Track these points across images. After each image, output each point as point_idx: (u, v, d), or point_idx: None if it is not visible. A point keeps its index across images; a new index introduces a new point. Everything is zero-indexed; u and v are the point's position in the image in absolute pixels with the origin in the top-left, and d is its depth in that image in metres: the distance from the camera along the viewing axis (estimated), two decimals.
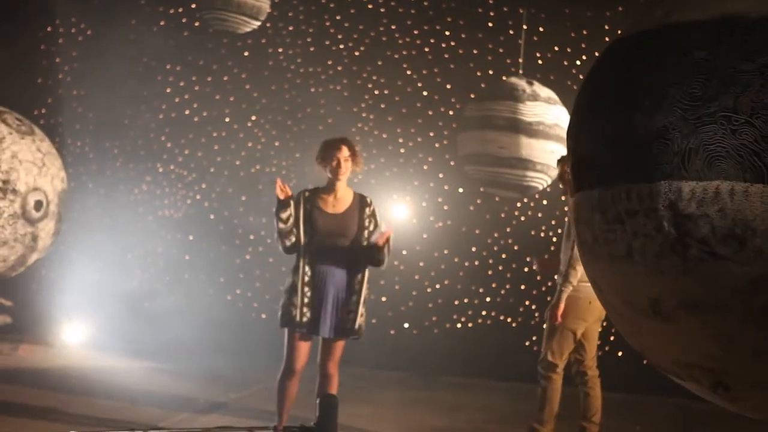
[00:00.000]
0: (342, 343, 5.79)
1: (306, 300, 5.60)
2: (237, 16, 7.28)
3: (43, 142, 6.86)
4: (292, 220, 5.63)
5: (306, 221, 5.68)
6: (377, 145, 9.77)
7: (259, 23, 7.54)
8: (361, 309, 5.70)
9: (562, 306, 6.03)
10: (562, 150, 6.89)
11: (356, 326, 5.69)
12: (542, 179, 7.30)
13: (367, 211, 5.79)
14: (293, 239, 5.66)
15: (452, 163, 9.20)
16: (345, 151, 5.74)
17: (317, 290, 5.63)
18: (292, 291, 5.65)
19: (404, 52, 9.65)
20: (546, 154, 7.15)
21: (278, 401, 5.74)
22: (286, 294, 5.68)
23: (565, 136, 6.97)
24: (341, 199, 5.79)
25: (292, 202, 5.63)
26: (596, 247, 2.94)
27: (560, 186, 6.54)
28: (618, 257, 2.83)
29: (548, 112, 7.19)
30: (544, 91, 7.38)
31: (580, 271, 5.89)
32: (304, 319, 5.60)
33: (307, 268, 5.64)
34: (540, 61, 8.94)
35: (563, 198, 6.58)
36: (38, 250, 7.02)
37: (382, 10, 9.69)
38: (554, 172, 7.04)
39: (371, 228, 5.74)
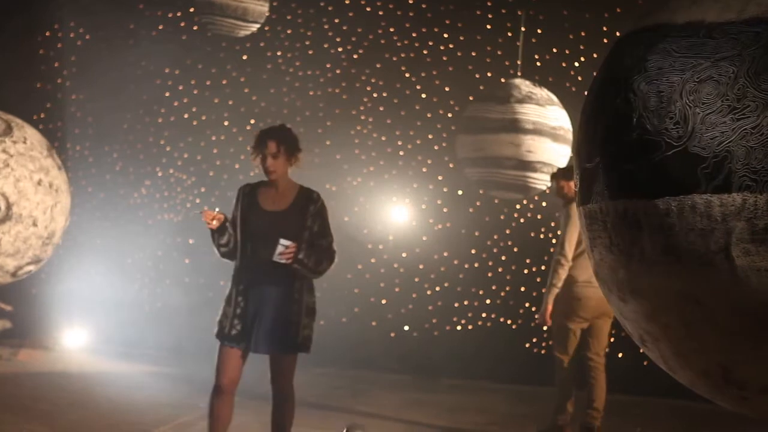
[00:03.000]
0: (291, 359, 5.03)
1: (238, 311, 4.96)
2: (234, 20, 7.27)
3: (18, 144, 6.77)
4: (233, 240, 5.04)
5: (243, 221, 5.03)
6: (376, 147, 9.78)
7: (257, 26, 7.55)
8: (305, 319, 4.98)
9: (548, 308, 6.58)
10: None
11: (299, 339, 4.96)
12: (536, 178, 7.32)
13: (312, 208, 5.01)
14: (231, 245, 5.05)
15: (451, 166, 9.20)
16: (272, 147, 5.05)
17: (252, 300, 4.95)
18: (227, 300, 5.05)
19: (402, 55, 9.66)
20: (563, 158, 7.22)
21: (208, 422, 5.04)
22: (224, 303, 5.08)
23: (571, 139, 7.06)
24: (283, 195, 5.08)
25: (228, 225, 5.04)
26: (720, 259, 2.66)
27: (559, 198, 6.87)
28: (762, 270, 2.59)
29: (563, 116, 7.23)
30: (553, 95, 7.40)
31: (563, 275, 6.50)
32: (233, 332, 4.97)
33: (241, 275, 5.00)
34: (538, 63, 8.95)
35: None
36: (19, 254, 6.91)
37: (380, 12, 9.70)
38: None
39: (315, 228, 4.98)
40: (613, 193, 2.89)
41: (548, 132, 7.11)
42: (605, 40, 8.84)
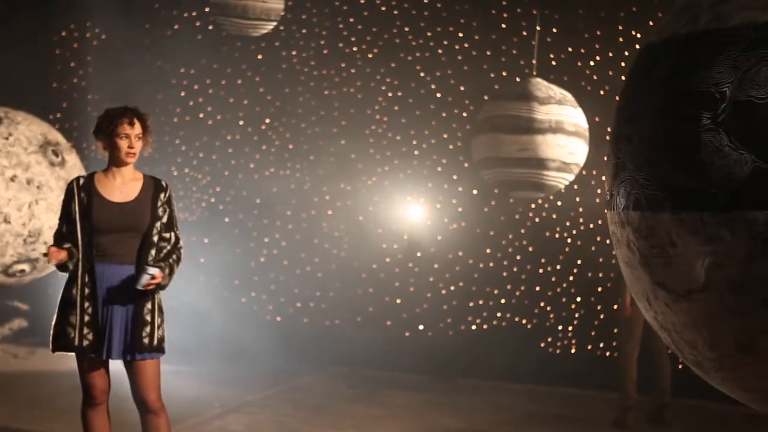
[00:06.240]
0: (154, 365, 4.53)
1: (87, 318, 4.43)
2: (249, 20, 7.28)
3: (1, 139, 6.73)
4: (76, 251, 4.48)
5: (83, 216, 4.47)
6: (391, 147, 9.77)
7: (272, 26, 7.55)
8: (158, 318, 4.55)
9: (627, 298, 7.09)
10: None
11: (155, 341, 4.49)
12: (567, 179, 7.32)
13: (162, 197, 4.62)
14: (73, 252, 4.46)
15: (466, 165, 9.19)
16: (138, 128, 4.56)
17: (102, 304, 4.44)
18: (67, 307, 4.47)
19: (418, 54, 9.65)
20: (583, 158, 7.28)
21: None
22: (59, 310, 4.50)
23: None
24: (130, 185, 4.56)
25: (74, 251, 4.46)
26: None
27: None
28: None
29: (583, 117, 7.22)
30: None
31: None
32: (85, 342, 4.45)
33: (86, 277, 4.44)
34: (554, 63, 8.92)
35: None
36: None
37: (395, 12, 9.70)
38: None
39: (165, 219, 4.63)
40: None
41: (583, 134, 7.17)
42: (620, 39, 8.81)
